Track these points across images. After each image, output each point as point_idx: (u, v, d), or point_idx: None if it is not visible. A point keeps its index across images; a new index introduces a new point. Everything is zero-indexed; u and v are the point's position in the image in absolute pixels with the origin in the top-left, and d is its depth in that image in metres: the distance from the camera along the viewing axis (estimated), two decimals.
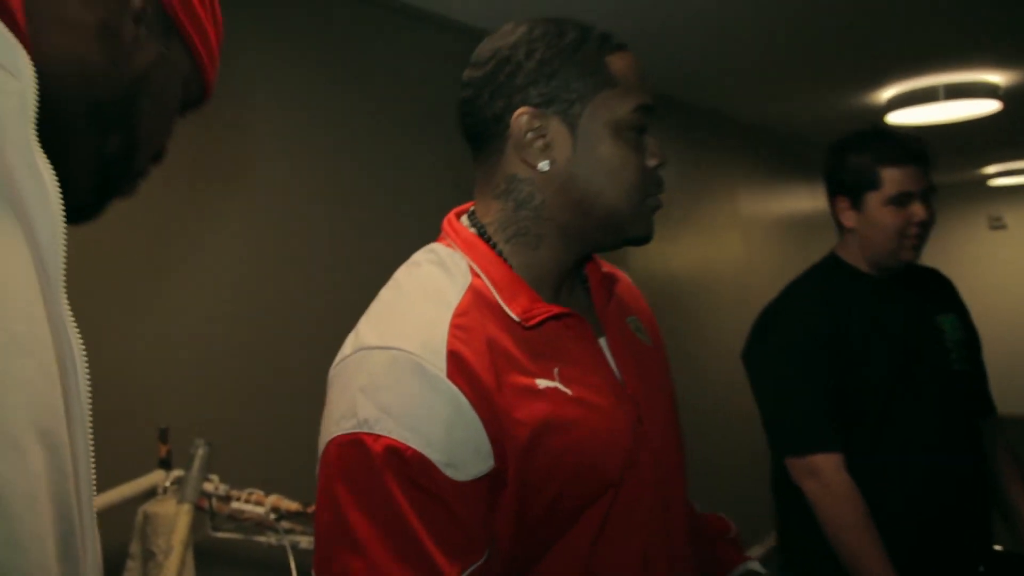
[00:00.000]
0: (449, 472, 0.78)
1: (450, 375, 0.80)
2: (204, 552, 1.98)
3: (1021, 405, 8.68)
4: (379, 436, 0.78)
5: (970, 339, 1.89)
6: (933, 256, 8.70)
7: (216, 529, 1.83)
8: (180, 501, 1.78)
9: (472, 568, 0.79)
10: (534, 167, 0.90)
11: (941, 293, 1.94)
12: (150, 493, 1.83)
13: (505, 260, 0.92)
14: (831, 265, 1.89)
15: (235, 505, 1.76)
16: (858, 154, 1.81)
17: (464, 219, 0.97)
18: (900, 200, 1.76)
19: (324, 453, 0.82)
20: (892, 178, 1.77)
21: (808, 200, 5.98)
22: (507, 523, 0.84)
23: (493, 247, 0.92)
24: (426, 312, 0.85)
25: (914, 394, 1.76)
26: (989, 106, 4.21)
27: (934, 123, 4.51)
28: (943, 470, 1.75)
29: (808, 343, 1.76)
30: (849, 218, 1.83)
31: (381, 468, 0.77)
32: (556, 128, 0.90)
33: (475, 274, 0.89)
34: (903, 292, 1.84)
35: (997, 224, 8.87)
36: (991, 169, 7.76)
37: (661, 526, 0.93)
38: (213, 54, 0.71)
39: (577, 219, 0.92)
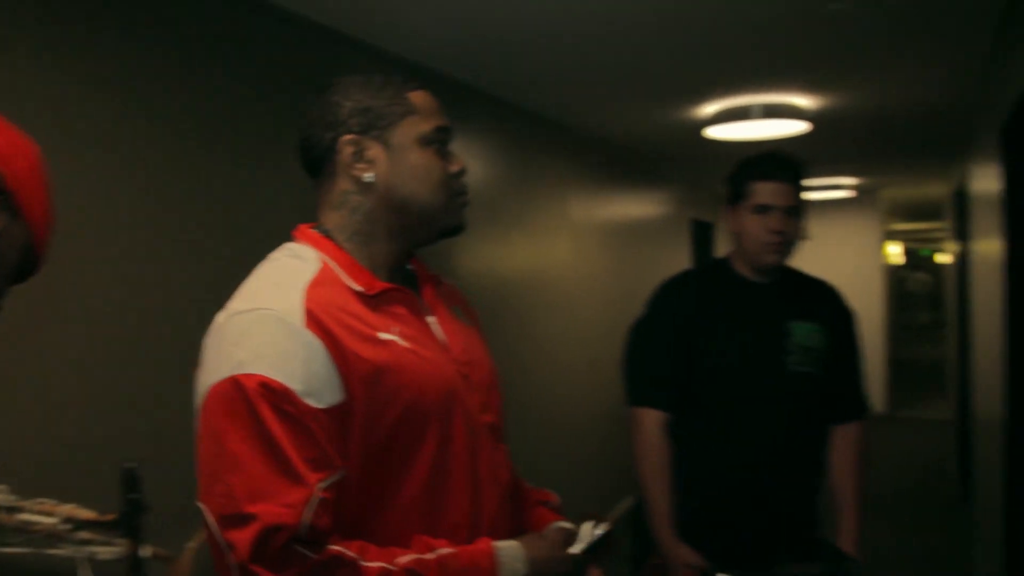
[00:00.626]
0: (309, 400, 1.01)
1: (307, 325, 1.03)
2: None
3: None
4: (251, 374, 1.00)
5: (828, 347, 2.07)
6: None
7: (2, 543, 1.68)
8: None
9: (330, 480, 1.01)
10: (360, 181, 1.16)
11: (811, 303, 2.13)
12: None
13: (347, 254, 1.16)
14: (716, 263, 2.21)
15: (23, 517, 1.62)
16: (739, 170, 2.10)
17: (312, 230, 1.20)
18: (761, 210, 2.01)
19: (204, 400, 1.04)
20: (758, 191, 2.02)
21: (635, 207, 6.24)
22: (357, 449, 1.05)
23: (337, 246, 1.17)
24: (284, 284, 1.09)
25: (751, 387, 2.02)
26: (798, 127, 4.54)
27: (749, 139, 4.81)
28: (766, 458, 2.00)
29: (666, 318, 2.09)
30: (730, 225, 2.11)
31: (254, 399, 0.99)
32: (374, 149, 1.16)
33: (323, 261, 1.14)
34: (768, 296, 2.08)
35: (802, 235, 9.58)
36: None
37: (487, 453, 1.18)
38: (47, 230, 0.84)
39: (399, 218, 1.18)
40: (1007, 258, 3.11)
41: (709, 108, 4.47)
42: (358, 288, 1.12)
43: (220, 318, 1.09)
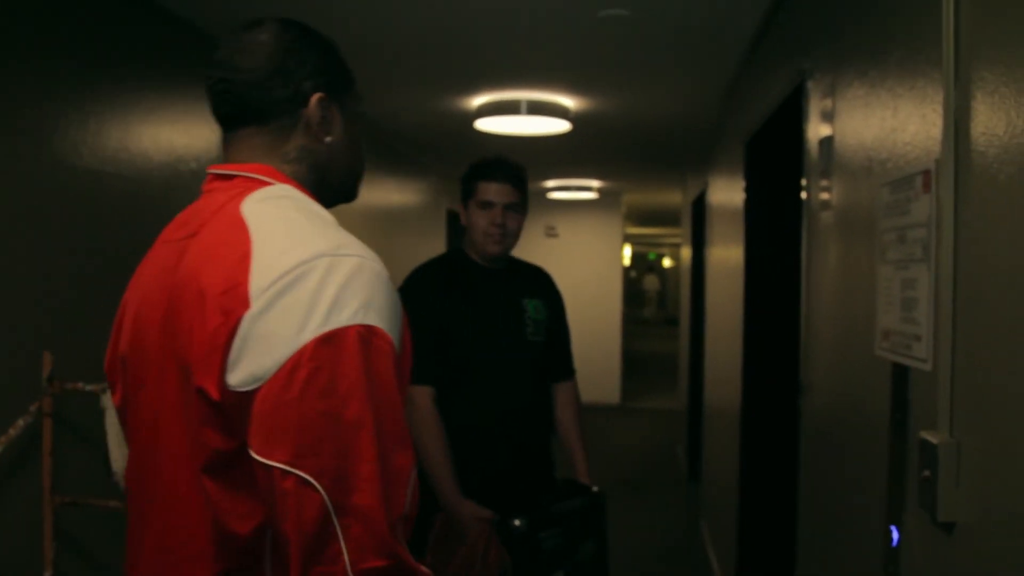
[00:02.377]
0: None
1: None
2: None
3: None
4: (372, 326, 0.91)
5: (550, 319, 2.52)
6: None
7: None
8: None
9: None
10: (321, 140, 1.14)
11: (534, 284, 2.58)
12: None
13: None
14: (453, 253, 2.50)
15: None
16: (470, 171, 2.44)
17: (289, 178, 1.11)
18: (484, 205, 2.36)
19: (315, 347, 0.88)
20: (482, 189, 2.37)
21: (396, 194, 6.18)
22: None
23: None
24: (349, 233, 1.01)
25: (496, 354, 2.37)
26: (562, 126, 4.71)
27: (515, 134, 4.92)
28: (512, 411, 2.37)
29: (419, 302, 2.23)
30: (463, 219, 2.44)
31: (390, 356, 0.93)
32: (334, 112, 1.15)
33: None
34: (501, 279, 2.45)
35: (551, 232, 10.05)
36: (550, 183, 8.76)
37: None
38: None
39: (341, 179, 1.19)
40: (746, 262, 3.42)
41: (480, 99, 4.51)
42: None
43: (299, 257, 0.92)
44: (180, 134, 3.15)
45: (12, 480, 2.33)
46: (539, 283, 2.59)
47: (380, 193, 5.70)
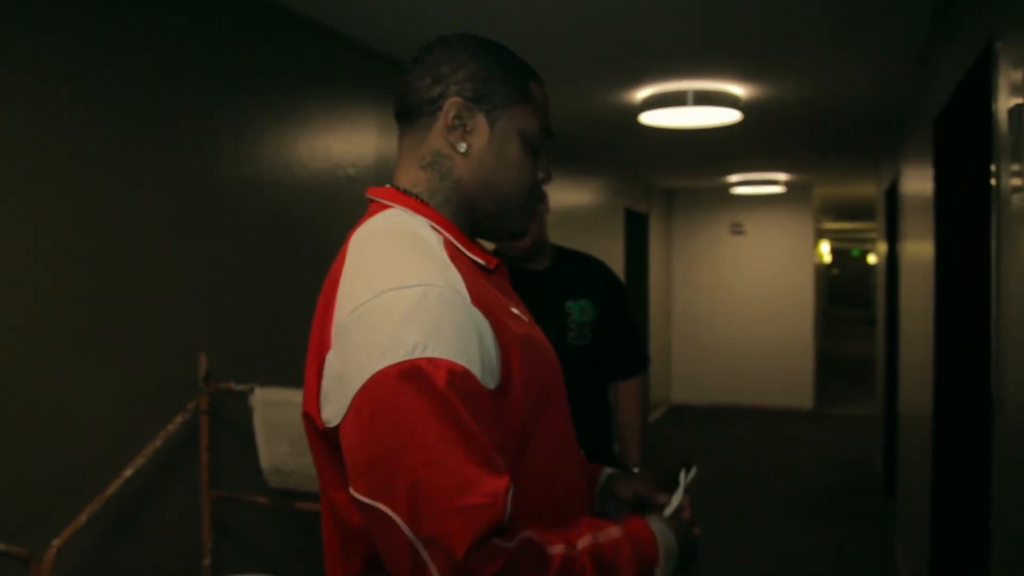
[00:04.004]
0: (486, 382, 0.94)
1: (473, 302, 0.96)
2: None
3: (743, 396, 9.50)
4: (433, 358, 0.89)
5: (600, 317, 2.36)
6: (681, 256, 9.33)
7: None
8: None
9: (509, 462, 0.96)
10: (454, 147, 1.09)
11: (581, 282, 2.39)
12: None
13: (453, 223, 1.09)
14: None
15: None
16: None
17: (403, 193, 1.10)
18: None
19: (374, 384, 0.90)
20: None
21: (571, 194, 6.10)
22: (512, 429, 0.99)
23: (440, 214, 1.08)
24: (429, 257, 0.99)
25: None
26: (731, 116, 4.45)
27: (683, 127, 4.71)
28: None
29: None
30: None
31: (442, 385, 0.89)
32: (479, 121, 1.09)
33: (438, 232, 1.06)
34: (545, 281, 2.32)
35: (737, 230, 9.62)
36: (733, 178, 8.37)
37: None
38: None
39: (480, 199, 1.11)
40: (936, 258, 3.05)
41: (643, 92, 4.34)
42: (481, 262, 1.09)
43: (363, 295, 0.95)
44: (337, 141, 3.23)
45: (173, 473, 2.47)
46: (587, 277, 2.44)
47: (555, 195, 5.65)
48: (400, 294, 0.93)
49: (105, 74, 2.25)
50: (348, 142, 3.30)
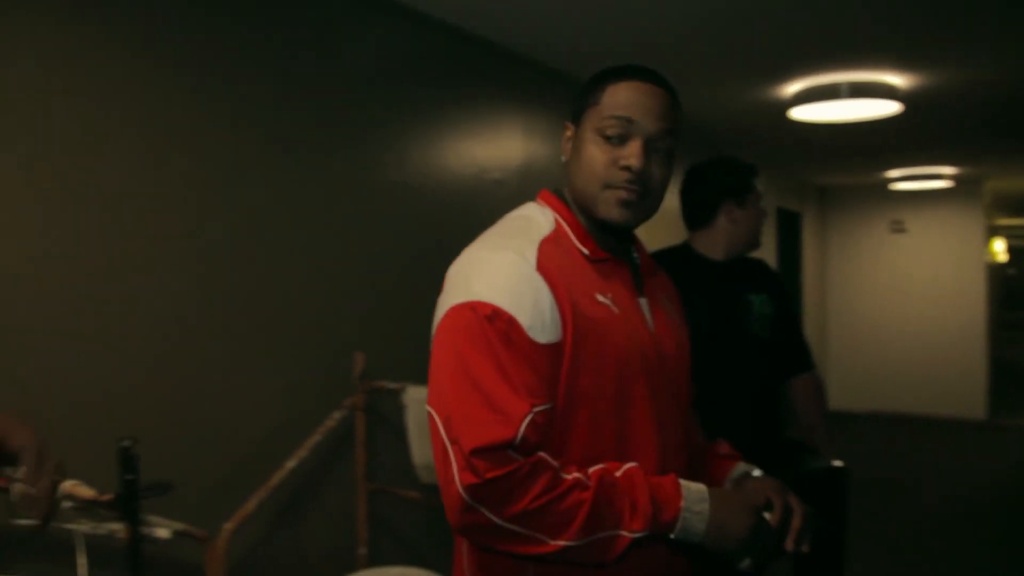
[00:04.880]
0: (532, 334, 1.15)
1: (538, 268, 1.18)
2: (3, 539, 1.78)
3: (906, 404, 8.96)
4: (486, 303, 1.14)
5: (778, 314, 2.41)
6: (836, 256, 8.89)
7: (17, 516, 1.63)
8: None
9: (542, 407, 1.13)
10: (565, 161, 1.35)
11: (758, 278, 2.47)
12: None
13: (583, 224, 1.30)
14: (681, 249, 2.44)
15: (30, 491, 1.56)
16: (737, 169, 2.39)
17: (551, 193, 1.35)
18: (759, 200, 2.39)
19: (444, 318, 1.18)
20: (759, 183, 2.40)
21: None
22: (561, 389, 1.18)
23: (570, 210, 1.32)
24: (522, 235, 1.24)
25: (723, 348, 2.27)
26: (890, 107, 4.23)
27: (836, 121, 4.52)
28: (745, 413, 2.27)
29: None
30: (733, 216, 2.35)
31: (486, 324, 1.13)
32: (571, 133, 1.34)
33: (558, 222, 1.29)
34: (728, 274, 2.37)
35: (897, 227, 9.10)
36: (893, 173, 7.93)
37: (672, 422, 1.30)
38: None
39: (577, 201, 1.31)
40: None
41: (793, 87, 4.20)
42: (584, 251, 1.27)
43: (463, 255, 1.25)
44: (483, 147, 3.31)
45: (331, 466, 2.60)
46: (761, 275, 2.51)
47: None
48: (479, 256, 1.22)
49: (268, 83, 2.41)
50: (494, 147, 3.37)
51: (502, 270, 1.17)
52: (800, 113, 4.36)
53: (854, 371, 9.22)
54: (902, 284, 9.04)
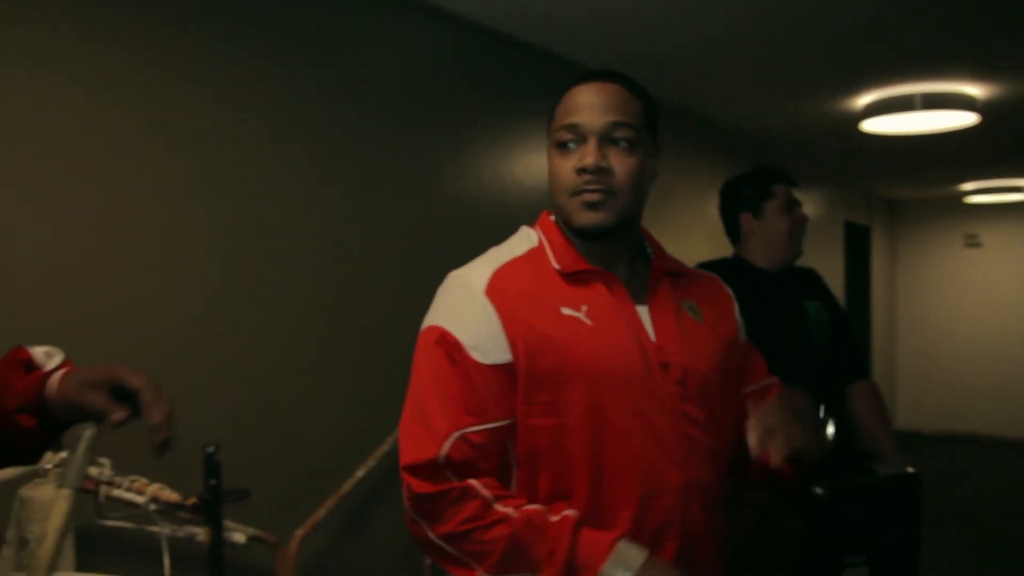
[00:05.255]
0: (474, 355, 1.17)
1: (487, 291, 1.20)
2: (91, 539, 1.85)
3: (981, 425, 8.67)
4: (437, 326, 1.20)
5: (833, 320, 2.40)
6: (907, 271, 8.62)
7: (104, 516, 1.69)
8: (59, 486, 1.64)
9: (483, 427, 1.16)
10: None
11: (811, 285, 2.47)
12: (32, 475, 1.69)
13: (569, 239, 1.29)
14: (733, 259, 2.43)
15: (115, 492, 1.62)
16: (753, 178, 2.41)
17: (546, 215, 1.35)
18: (789, 207, 2.35)
19: (417, 340, 1.25)
20: (781, 191, 2.36)
21: None
22: (520, 407, 1.18)
23: (559, 228, 1.30)
24: (492, 258, 1.27)
25: (782, 357, 2.12)
26: (966, 119, 4.12)
27: (910, 133, 4.42)
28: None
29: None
30: (751, 226, 2.36)
31: (435, 346, 1.19)
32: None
33: (541, 241, 1.29)
34: (781, 282, 2.36)
35: (972, 242, 8.83)
36: (968, 186, 7.71)
37: (675, 436, 1.21)
38: None
39: (558, 215, 1.30)
40: None
41: (865, 99, 4.12)
42: (557, 266, 1.26)
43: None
44: None
45: (398, 476, 2.63)
46: (813, 284, 2.51)
47: None
48: (448, 280, 1.27)
49: (347, 99, 2.47)
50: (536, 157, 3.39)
51: (452, 295, 1.24)
52: (872, 125, 4.27)
53: (925, 390, 8.95)
54: (976, 300, 8.75)
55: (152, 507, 1.53)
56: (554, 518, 1.14)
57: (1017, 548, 5.25)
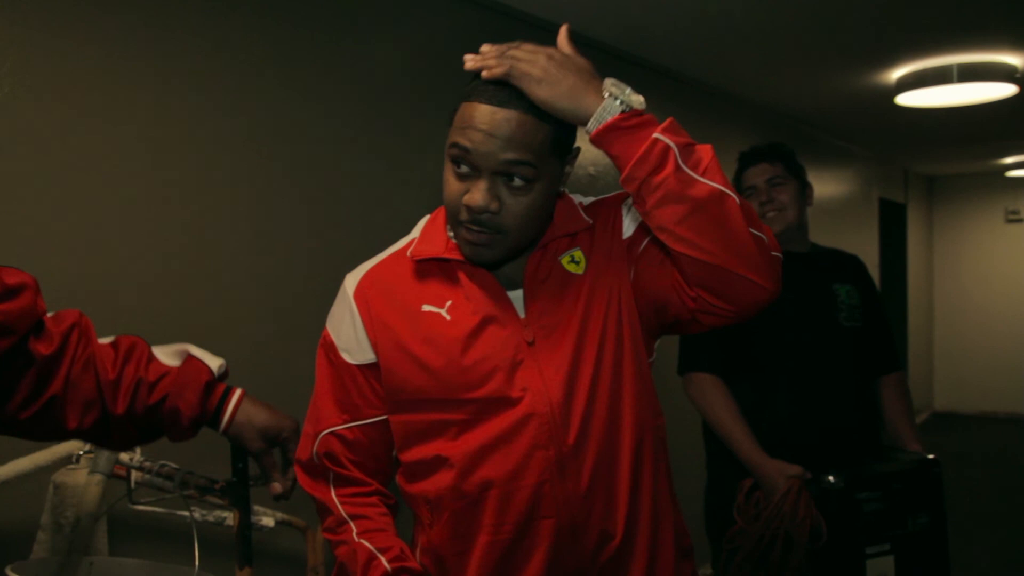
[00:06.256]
0: (344, 355, 1.26)
1: (355, 295, 1.26)
2: (122, 524, 1.87)
3: (1021, 405, 8.51)
4: (325, 328, 1.30)
5: (865, 304, 2.35)
6: (945, 248, 8.49)
7: (135, 501, 1.71)
8: (92, 471, 1.66)
9: (355, 423, 1.26)
10: None
11: (843, 268, 2.41)
12: (66, 461, 1.72)
13: (441, 227, 1.27)
14: None
15: (146, 477, 1.64)
16: (739, 163, 2.42)
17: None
18: (745, 190, 2.33)
19: None
20: (745, 177, 2.36)
21: (818, 184, 5.78)
22: (389, 405, 1.25)
23: (440, 220, 1.28)
24: (382, 252, 1.32)
25: (813, 338, 2.24)
26: (1006, 90, 4.01)
27: (947, 106, 4.32)
28: (829, 403, 2.20)
29: None
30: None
31: (321, 347, 1.30)
32: None
33: (418, 233, 1.30)
34: (809, 264, 2.32)
35: (1014, 217, 8.64)
36: (1009, 160, 7.53)
37: (552, 461, 1.16)
38: None
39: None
40: None
41: (899, 71, 4.03)
42: (409, 254, 1.26)
43: None
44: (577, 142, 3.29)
45: None
46: (845, 267, 2.43)
47: None
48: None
49: (308, 77, 2.45)
50: (587, 142, 3.34)
51: (338, 298, 1.29)
52: (907, 99, 4.18)
53: (964, 370, 8.80)
54: (1017, 277, 8.56)
55: (182, 491, 1.54)
56: (379, 559, 1.21)
57: None
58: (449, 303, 1.20)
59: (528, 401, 1.16)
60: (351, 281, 1.28)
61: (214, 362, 1.31)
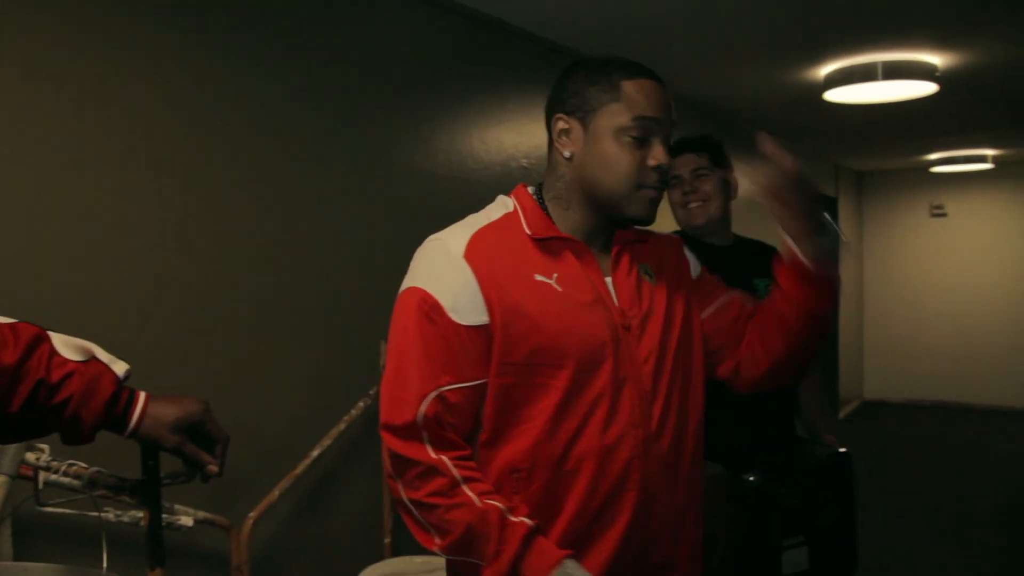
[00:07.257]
0: (452, 315, 1.23)
1: (465, 255, 1.25)
2: (29, 526, 1.80)
3: (946, 393, 8.79)
4: (417, 288, 1.25)
5: None
6: (874, 242, 8.70)
7: (42, 503, 1.64)
8: None
9: (459, 385, 1.23)
10: (562, 154, 1.33)
11: (764, 261, 2.32)
12: None
13: (545, 209, 1.34)
14: (681, 234, 2.32)
15: (53, 478, 1.58)
16: None
17: (523, 186, 1.39)
18: (674, 181, 2.32)
19: (395, 304, 1.29)
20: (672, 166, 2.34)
21: (744, 180, 5.87)
22: (495, 368, 1.24)
23: (540, 201, 1.35)
24: (470, 223, 1.32)
25: None
26: (927, 88, 4.12)
27: (872, 102, 4.42)
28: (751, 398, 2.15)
29: None
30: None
31: (416, 307, 1.24)
32: (576, 129, 1.31)
33: (516, 209, 1.34)
34: (732, 258, 2.28)
35: (938, 212, 8.91)
36: (932, 156, 7.76)
37: (640, 439, 1.29)
38: None
39: (588, 195, 1.32)
40: None
41: (827, 68, 4.11)
42: (528, 231, 1.30)
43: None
44: (510, 133, 3.28)
45: (355, 456, 2.60)
46: (769, 261, 2.43)
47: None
48: (426, 244, 1.31)
49: (287, 73, 2.40)
50: (521, 133, 3.34)
51: (432, 259, 1.28)
52: (835, 95, 4.26)
53: (891, 359, 9.07)
54: (942, 270, 8.85)
55: (92, 492, 1.48)
56: (512, 519, 1.19)
57: (974, 506, 5.35)
58: (556, 275, 1.28)
59: (629, 379, 1.29)
60: (456, 244, 1.26)
61: (119, 367, 1.25)
